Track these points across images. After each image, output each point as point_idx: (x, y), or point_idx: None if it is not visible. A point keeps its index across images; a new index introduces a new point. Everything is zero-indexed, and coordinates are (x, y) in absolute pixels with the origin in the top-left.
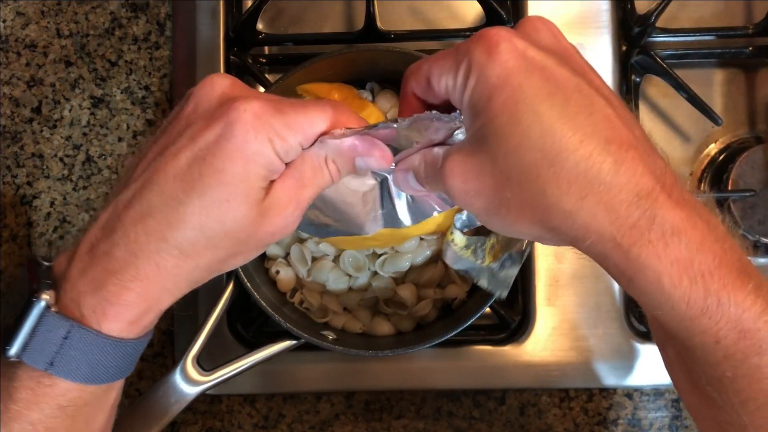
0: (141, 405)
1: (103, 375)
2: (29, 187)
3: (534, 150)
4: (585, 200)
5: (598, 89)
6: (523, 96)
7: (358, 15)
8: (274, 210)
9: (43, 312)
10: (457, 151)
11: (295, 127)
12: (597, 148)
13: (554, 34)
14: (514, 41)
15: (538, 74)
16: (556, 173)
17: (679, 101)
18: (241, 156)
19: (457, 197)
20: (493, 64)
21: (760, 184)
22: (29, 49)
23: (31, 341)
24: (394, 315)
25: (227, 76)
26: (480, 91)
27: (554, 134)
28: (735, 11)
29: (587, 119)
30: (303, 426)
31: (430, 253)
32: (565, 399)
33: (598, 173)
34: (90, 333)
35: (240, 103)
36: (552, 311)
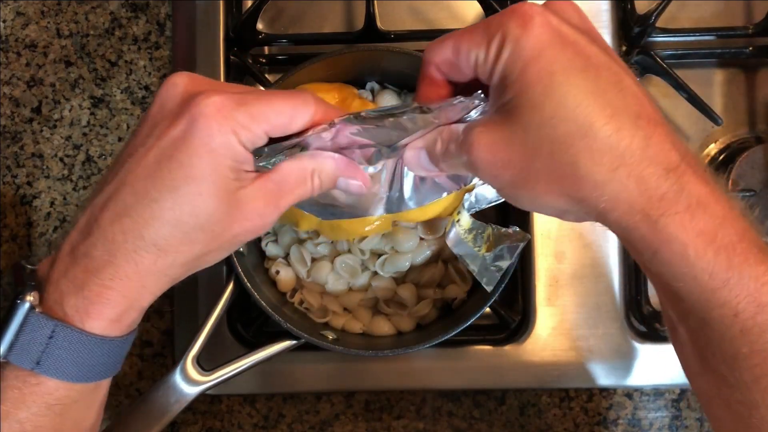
0: (141, 405)
1: (89, 373)
2: (29, 187)
3: (567, 121)
4: (616, 172)
5: (622, 67)
6: (557, 68)
7: (358, 15)
8: (251, 206)
9: (28, 312)
10: (482, 124)
11: (258, 116)
12: (627, 122)
13: (581, 16)
14: (548, 17)
15: (571, 49)
16: (589, 145)
17: (679, 101)
18: (206, 150)
19: (484, 169)
20: (528, 36)
21: (760, 184)
22: (29, 49)
23: (16, 341)
24: (394, 315)
25: (188, 74)
26: (513, 63)
27: (587, 107)
28: (735, 11)
29: (617, 95)
30: (303, 426)
31: (430, 253)
32: (565, 399)
33: (629, 146)
34: (74, 331)
35: (202, 97)
36: (552, 311)
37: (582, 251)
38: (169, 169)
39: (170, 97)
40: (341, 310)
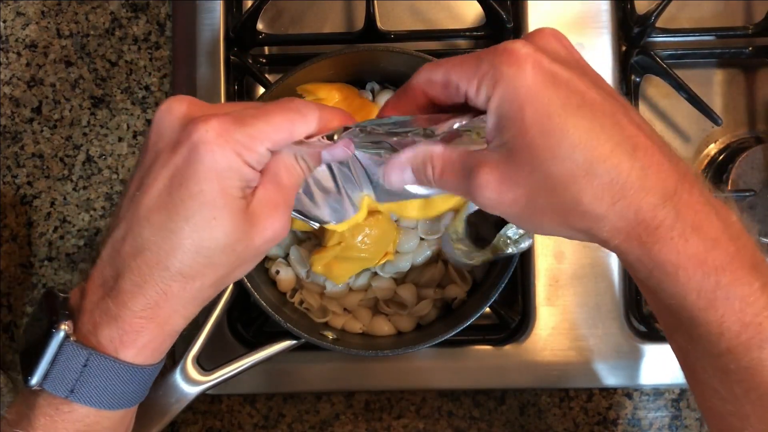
0: (141, 405)
1: (120, 401)
2: (29, 187)
3: (568, 161)
4: (616, 205)
5: (616, 99)
6: (553, 109)
7: (358, 15)
8: (264, 215)
9: (63, 342)
10: (487, 162)
11: (259, 136)
12: (625, 156)
13: (566, 47)
14: (539, 56)
15: (565, 88)
16: (590, 182)
17: (679, 101)
18: (214, 175)
19: (492, 207)
20: (522, 78)
21: (760, 184)
22: (29, 49)
23: (51, 370)
24: (394, 315)
25: (183, 98)
26: (509, 104)
27: (586, 146)
28: (735, 11)
29: (613, 129)
30: (303, 426)
31: (430, 253)
32: (564, 399)
33: (627, 179)
34: (108, 360)
35: (200, 124)
36: (552, 311)
37: (582, 251)
38: (181, 199)
39: (168, 124)
40: (341, 310)
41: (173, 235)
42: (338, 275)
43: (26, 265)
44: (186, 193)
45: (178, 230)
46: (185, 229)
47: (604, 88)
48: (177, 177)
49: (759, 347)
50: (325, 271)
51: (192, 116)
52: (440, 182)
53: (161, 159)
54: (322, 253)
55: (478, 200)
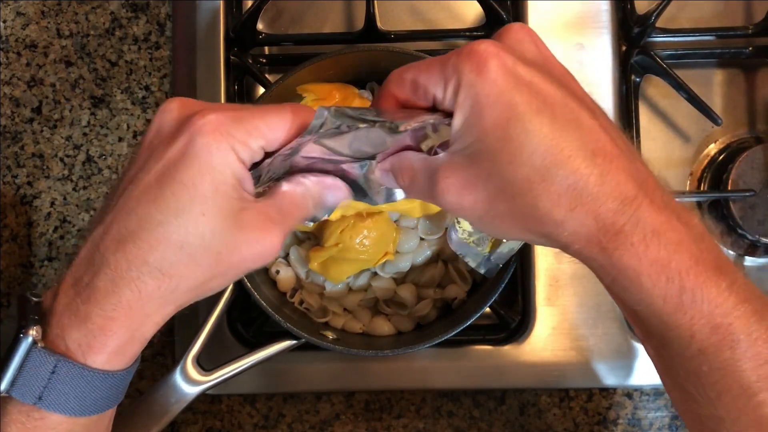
0: (141, 405)
1: (91, 407)
2: (29, 187)
3: (526, 166)
4: (575, 211)
5: (581, 100)
6: (513, 114)
7: (358, 15)
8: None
9: (30, 348)
10: (449, 166)
11: (255, 132)
12: (584, 161)
13: (536, 44)
14: (503, 57)
15: (527, 91)
16: (547, 187)
17: (679, 101)
18: (207, 169)
19: (453, 211)
20: (483, 82)
21: (760, 184)
22: (29, 49)
23: (19, 377)
24: (394, 315)
25: (180, 99)
26: (469, 109)
27: (544, 151)
28: (735, 11)
29: (574, 134)
30: (303, 426)
31: (430, 253)
32: (565, 399)
33: (585, 185)
34: (76, 367)
35: (197, 117)
36: (552, 311)
37: None
38: (172, 191)
39: (166, 122)
40: (341, 310)
41: (160, 228)
42: (336, 275)
43: (26, 265)
44: (179, 185)
45: (166, 223)
46: (173, 223)
47: (570, 88)
48: (170, 169)
49: (730, 348)
50: (322, 269)
51: (190, 112)
52: (410, 189)
53: (156, 152)
54: (320, 252)
55: (441, 204)
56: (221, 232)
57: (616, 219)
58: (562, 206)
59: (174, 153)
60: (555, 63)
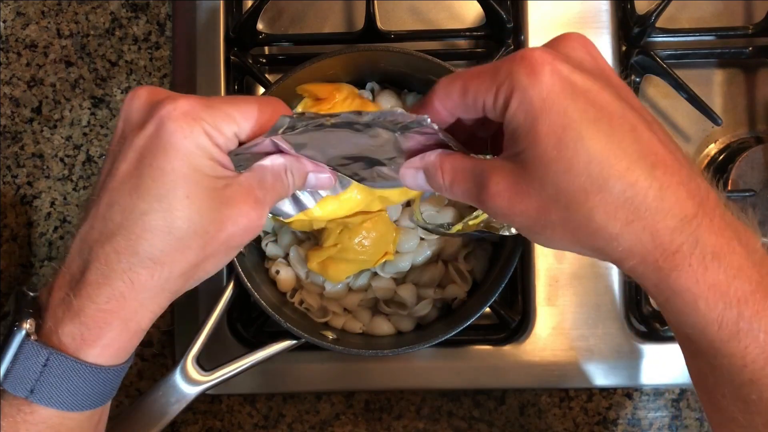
0: (141, 405)
1: (83, 402)
2: (29, 187)
3: (582, 176)
4: (631, 225)
5: (639, 112)
6: (569, 121)
7: (358, 15)
8: (241, 201)
9: (23, 340)
10: (499, 172)
11: (226, 118)
12: (643, 173)
13: (592, 55)
14: (558, 64)
15: (583, 99)
16: (604, 199)
17: (679, 101)
18: (184, 152)
19: (502, 216)
20: (538, 87)
21: (760, 184)
22: (29, 49)
23: (12, 369)
24: (394, 315)
25: (148, 86)
26: (523, 114)
27: (602, 161)
28: (735, 11)
29: (632, 145)
30: (303, 426)
31: (430, 253)
32: (565, 399)
33: (644, 199)
34: (68, 360)
35: (167, 102)
36: (552, 311)
37: None
38: (152, 178)
39: (134, 109)
40: (341, 310)
41: (145, 216)
42: (335, 275)
43: (26, 265)
44: (157, 171)
45: (150, 210)
46: (157, 209)
47: (627, 100)
48: (146, 156)
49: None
50: (321, 269)
51: (159, 99)
52: (451, 190)
53: (128, 141)
54: (318, 252)
55: (489, 209)
56: (207, 211)
57: (674, 237)
58: (619, 219)
59: (146, 139)
60: (612, 74)
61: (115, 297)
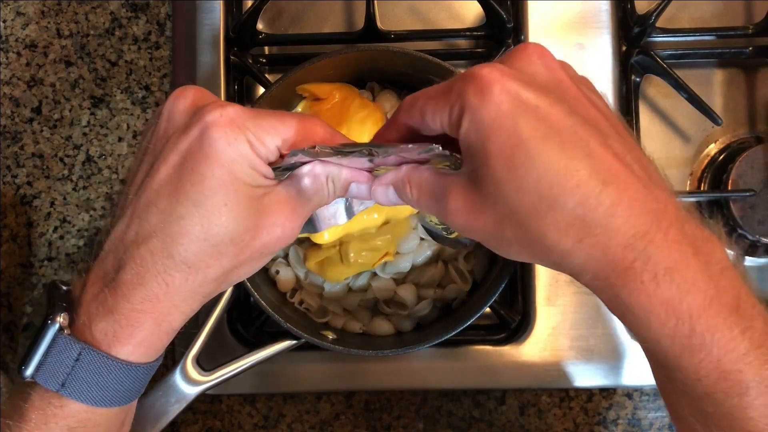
0: (141, 405)
1: (113, 398)
2: (29, 187)
3: (532, 194)
4: (583, 242)
5: (594, 124)
6: (518, 140)
7: (358, 15)
8: (277, 211)
9: (56, 334)
10: (457, 188)
11: (270, 129)
12: (594, 190)
13: (547, 66)
14: (506, 83)
15: (533, 116)
16: (555, 217)
17: (679, 101)
18: (226, 159)
19: (461, 231)
20: (487, 107)
21: (760, 184)
22: (29, 49)
23: (44, 362)
24: (394, 315)
25: (194, 87)
26: (474, 133)
27: (551, 179)
28: (735, 11)
29: (582, 161)
30: (303, 426)
31: (430, 254)
32: (565, 399)
33: (594, 216)
34: (100, 355)
35: (213, 107)
36: (552, 311)
37: None
38: (191, 183)
39: (179, 109)
40: (341, 310)
41: (181, 221)
42: (333, 275)
43: (26, 265)
44: (197, 177)
45: (187, 215)
46: (194, 215)
47: (581, 113)
48: (188, 160)
49: (738, 395)
50: (319, 270)
51: (204, 103)
52: (418, 203)
53: (171, 143)
54: (317, 252)
55: (451, 224)
56: (243, 219)
57: (626, 255)
58: (570, 237)
59: (190, 144)
60: (568, 86)
61: (149, 298)
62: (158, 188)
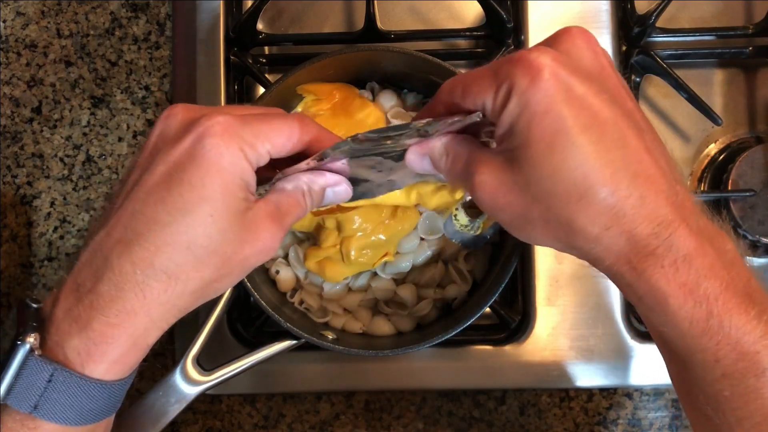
0: (141, 405)
1: (87, 416)
2: (29, 187)
3: (567, 180)
4: (609, 230)
5: (630, 117)
6: (562, 126)
7: (358, 15)
8: (261, 225)
9: (27, 355)
10: (488, 164)
11: (262, 136)
12: (624, 182)
13: (594, 51)
14: (556, 68)
15: (577, 105)
16: (586, 204)
17: (679, 101)
18: (216, 169)
19: (485, 208)
20: (536, 90)
21: (760, 184)
22: (29, 49)
23: (15, 384)
24: (394, 315)
25: (185, 104)
26: (520, 115)
27: (587, 168)
28: (735, 11)
29: (618, 153)
30: (303, 426)
31: (430, 253)
32: (565, 399)
33: (623, 207)
34: (73, 376)
35: (206, 118)
36: (552, 311)
37: None
38: (179, 192)
39: (170, 124)
40: (341, 310)
41: (167, 229)
42: (332, 275)
43: (26, 265)
44: (187, 186)
45: (174, 224)
46: (181, 224)
47: (622, 105)
48: (178, 170)
49: (755, 375)
50: (318, 269)
51: (196, 116)
52: (450, 172)
53: (162, 153)
54: (317, 251)
55: (475, 198)
56: (227, 232)
57: (650, 241)
58: (598, 224)
59: (181, 154)
60: (610, 74)
61: (125, 310)
62: (145, 197)
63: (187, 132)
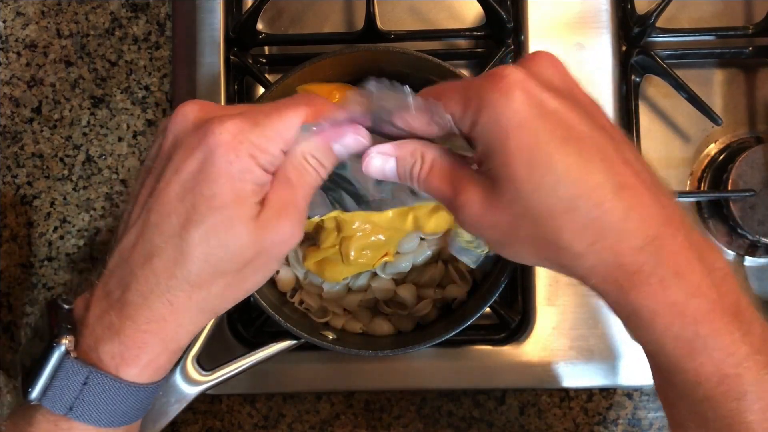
0: None
1: (121, 418)
2: (29, 187)
3: (550, 195)
4: (595, 246)
5: (605, 131)
6: (539, 141)
7: (358, 15)
8: (276, 219)
9: (63, 358)
10: (471, 183)
11: (273, 136)
12: (609, 194)
13: (561, 74)
14: (528, 84)
15: (553, 119)
16: (571, 218)
17: (679, 101)
18: (227, 179)
19: (470, 227)
20: (508, 105)
21: (760, 184)
22: (29, 49)
23: (51, 386)
24: (394, 315)
25: (196, 102)
26: (494, 133)
27: (570, 181)
28: (735, 11)
29: (599, 165)
30: (303, 426)
31: (430, 254)
32: (565, 399)
33: (609, 220)
34: (108, 378)
35: (215, 126)
36: (552, 311)
37: None
38: (193, 204)
39: (182, 127)
40: (341, 310)
41: (182, 242)
42: (331, 275)
43: (26, 265)
44: (199, 197)
45: (189, 237)
46: (196, 236)
47: (596, 120)
48: (190, 181)
49: (737, 399)
50: (318, 269)
51: (207, 117)
52: (424, 183)
53: (174, 163)
54: (316, 251)
55: (459, 218)
56: (245, 238)
57: (636, 258)
58: (585, 239)
59: (193, 164)
60: (580, 93)
61: (154, 318)
62: (161, 209)
63: (199, 140)
